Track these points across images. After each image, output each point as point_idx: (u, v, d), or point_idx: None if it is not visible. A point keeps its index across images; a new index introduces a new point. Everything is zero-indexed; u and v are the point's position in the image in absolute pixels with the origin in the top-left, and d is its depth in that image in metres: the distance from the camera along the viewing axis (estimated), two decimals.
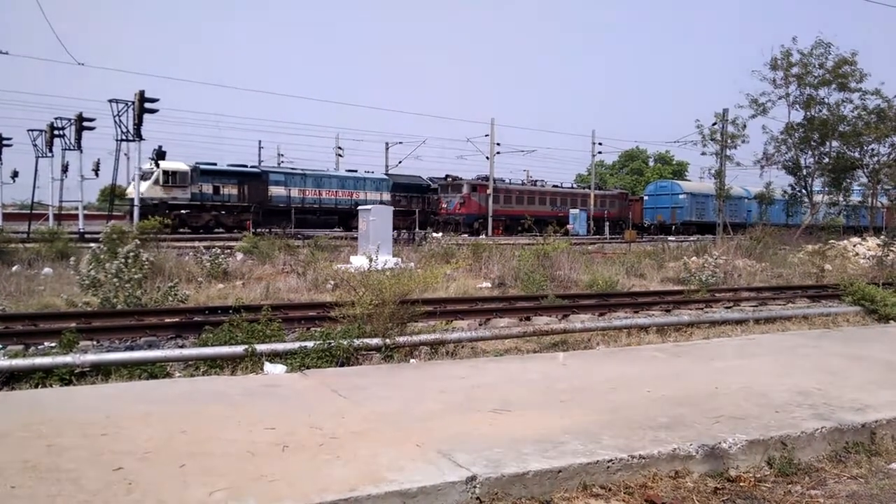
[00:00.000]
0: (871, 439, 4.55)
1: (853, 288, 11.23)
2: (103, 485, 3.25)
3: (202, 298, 11.56)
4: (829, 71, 31.20)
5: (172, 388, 5.48)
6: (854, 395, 5.29)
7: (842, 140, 32.87)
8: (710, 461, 4.01)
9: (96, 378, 5.89)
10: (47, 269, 14.91)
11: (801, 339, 8.29)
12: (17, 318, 8.75)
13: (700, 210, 51.73)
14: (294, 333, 7.79)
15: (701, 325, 9.28)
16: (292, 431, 4.13)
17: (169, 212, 33.84)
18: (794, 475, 4.06)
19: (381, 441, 3.98)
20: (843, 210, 37.80)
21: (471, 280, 14.54)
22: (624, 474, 3.78)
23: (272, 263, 16.63)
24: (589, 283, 14.06)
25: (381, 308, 7.14)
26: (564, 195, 52.33)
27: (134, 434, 4.03)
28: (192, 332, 8.10)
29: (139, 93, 27.73)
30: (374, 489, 3.25)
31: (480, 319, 9.88)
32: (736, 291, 13.97)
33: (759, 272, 17.99)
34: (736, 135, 33.26)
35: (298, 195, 39.74)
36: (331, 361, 6.44)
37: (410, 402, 4.95)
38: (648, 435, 4.18)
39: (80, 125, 31.03)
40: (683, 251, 21.59)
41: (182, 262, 14.94)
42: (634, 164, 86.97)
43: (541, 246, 15.63)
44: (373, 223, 16.41)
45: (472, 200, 45.97)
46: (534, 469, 3.60)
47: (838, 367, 6.48)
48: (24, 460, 3.55)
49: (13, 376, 5.79)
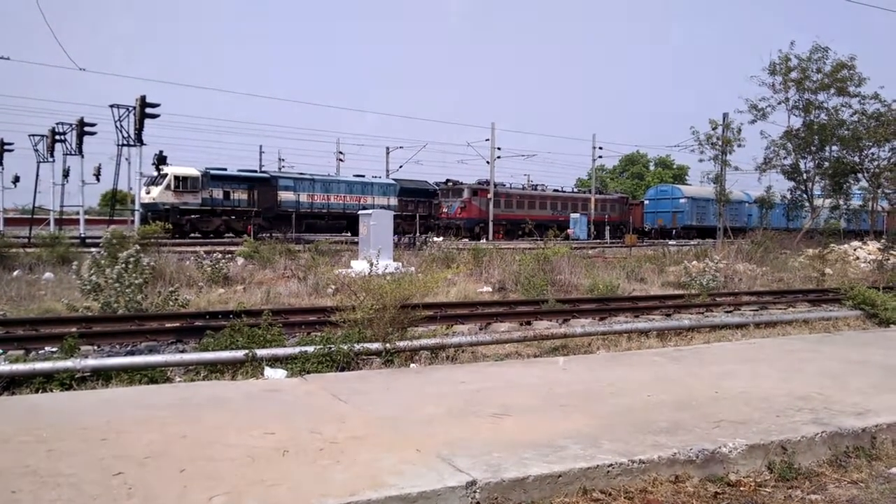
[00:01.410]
0: (871, 444, 4.54)
1: (854, 292, 11.24)
2: (103, 489, 3.26)
3: (203, 303, 11.57)
4: (827, 75, 31.23)
5: (173, 392, 5.48)
6: (854, 400, 5.28)
7: (841, 144, 32.88)
8: (710, 466, 4.01)
9: (97, 383, 5.91)
10: (48, 274, 14.92)
11: (802, 343, 8.29)
12: (18, 323, 8.76)
13: (701, 214, 51.72)
14: (295, 338, 7.80)
15: (701, 330, 9.28)
16: (293, 436, 4.13)
17: (180, 217, 34.02)
18: (795, 480, 4.05)
19: (381, 446, 3.98)
20: (844, 214, 37.79)
21: (471, 284, 14.55)
22: (624, 479, 3.78)
23: (273, 268, 16.66)
24: (589, 288, 14.06)
25: (382, 313, 7.14)
26: (565, 199, 52.30)
27: (134, 439, 4.03)
28: (193, 336, 8.11)
29: (140, 98, 27.82)
30: (375, 494, 3.25)
31: (481, 324, 9.89)
32: (736, 296, 13.97)
33: (760, 276, 18.00)
34: (733, 139, 33.28)
35: (307, 200, 39.76)
36: (331, 366, 6.44)
37: (411, 406, 4.95)
38: (649, 439, 4.18)
39: (82, 130, 31.07)
40: (684, 255, 21.59)
41: (183, 267, 14.96)
42: (635, 169, 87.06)
43: (541, 250, 15.66)
44: (374, 227, 16.42)
45: (473, 205, 45.96)
46: (534, 474, 3.60)
47: (839, 371, 6.47)
48: (25, 465, 3.55)
49: (14, 381, 5.80)
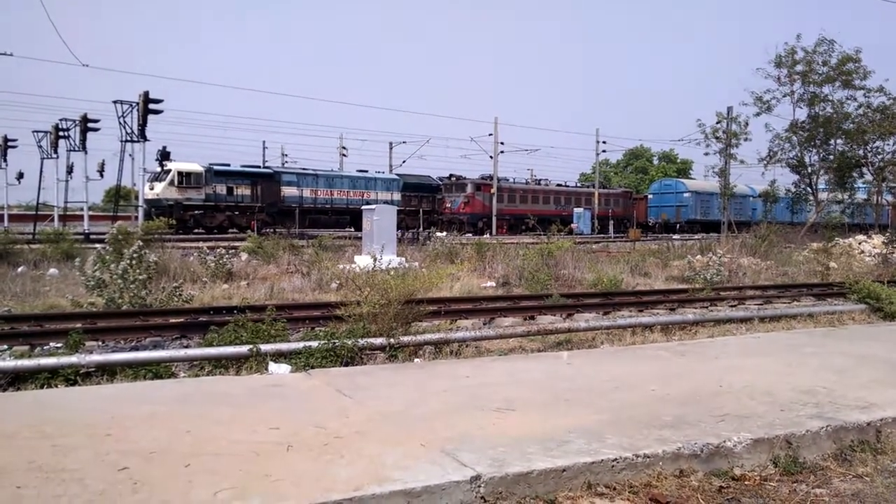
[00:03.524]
0: (876, 438, 4.53)
1: (858, 286, 11.19)
2: (108, 485, 3.26)
3: (207, 299, 11.59)
4: (833, 68, 31.11)
5: (177, 388, 5.49)
6: (859, 394, 5.27)
7: (846, 138, 32.76)
8: (714, 460, 4.00)
9: (101, 378, 5.92)
10: (53, 270, 14.97)
11: (806, 337, 8.27)
12: (22, 319, 8.78)
13: (705, 208, 51.66)
14: (298, 333, 7.80)
15: (705, 324, 9.27)
16: (297, 431, 4.14)
17: (183, 212, 34.06)
18: (800, 474, 4.05)
19: (385, 440, 3.98)
20: (848, 208, 37.69)
21: (475, 279, 14.54)
22: (628, 473, 3.77)
23: (277, 263, 16.67)
24: (593, 282, 14.05)
25: (386, 308, 7.14)
26: (568, 194, 52.25)
27: (139, 434, 4.04)
28: (197, 332, 8.11)
29: (143, 94, 27.85)
30: (379, 489, 3.26)
31: (485, 319, 9.88)
32: (741, 290, 13.95)
33: (764, 270, 17.95)
34: (739, 133, 33.18)
35: (310, 195, 39.77)
36: (335, 361, 6.45)
37: (415, 401, 4.95)
38: (653, 434, 4.17)
39: (85, 126, 31.16)
40: (688, 250, 21.57)
41: (187, 263, 14.98)
42: (639, 163, 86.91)
43: (545, 245, 15.65)
44: (377, 223, 16.41)
45: (477, 200, 45.95)
46: (538, 468, 3.59)
47: (843, 365, 6.45)
48: (30, 461, 3.56)
49: (19, 377, 5.82)
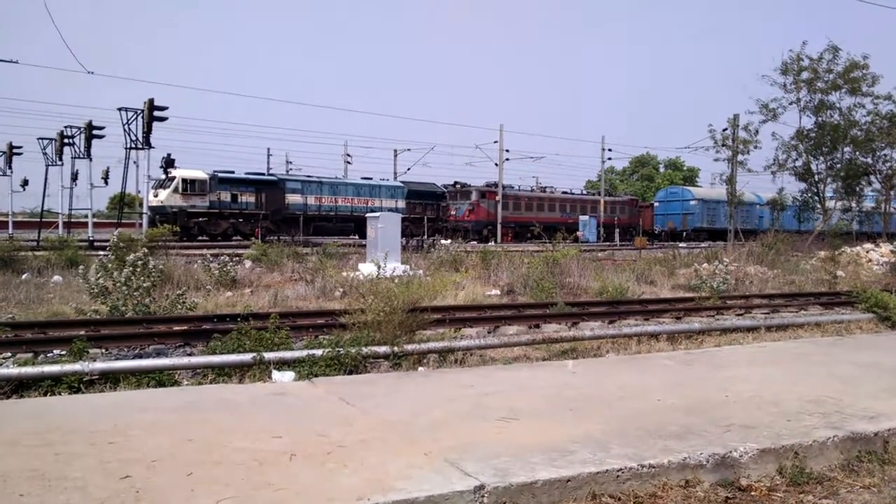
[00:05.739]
0: (884, 448, 4.49)
1: (866, 295, 11.12)
2: (111, 493, 3.25)
3: (210, 306, 11.58)
4: (839, 75, 31.01)
5: (180, 396, 5.49)
6: (867, 404, 5.23)
7: (853, 146, 32.65)
8: (720, 470, 3.97)
9: (105, 386, 5.91)
10: (57, 277, 14.99)
11: (814, 346, 8.22)
12: (26, 326, 8.79)
13: (711, 216, 51.51)
14: (302, 341, 7.79)
15: (712, 333, 9.21)
16: (300, 440, 4.12)
17: (188, 219, 34.14)
18: (806, 485, 4.01)
19: (388, 449, 3.96)
20: (856, 216, 37.53)
21: (479, 287, 14.50)
22: (633, 484, 3.74)
23: (280, 271, 16.67)
24: (599, 291, 14.00)
25: (390, 316, 7.12)
26: (574, 202, 52.20)
27: (141, 442, 4.03)
28: (201, 340, 8.11)
29: (148, 101, 27.96)
30: (382, 498, 3.24)
31: (489, 327, 9.85)
32: (747, 298, 13.88)
33: (771, 279, 17.87)
34: (748, 140, 33.08)
35: (315, 203, 39.80)
36: (339, 369, 6.43)
37: (418, 410, 4.93)
38: (658, 444, 4.14)
39: (90, 133, 31.27)
40: (694, 258, 21.46)
41: (191, 270, 14.99)
42: (645, 171, 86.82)
43: (550, 253, 15.60)
44: (381, 230, 16.41)
45: (481, 207, 45.93)
46: (542, 478, 3.57)
47: (851, 374, 6.41)
48: (33, 468, 3.55)
49: (22, 384, 5.82)
